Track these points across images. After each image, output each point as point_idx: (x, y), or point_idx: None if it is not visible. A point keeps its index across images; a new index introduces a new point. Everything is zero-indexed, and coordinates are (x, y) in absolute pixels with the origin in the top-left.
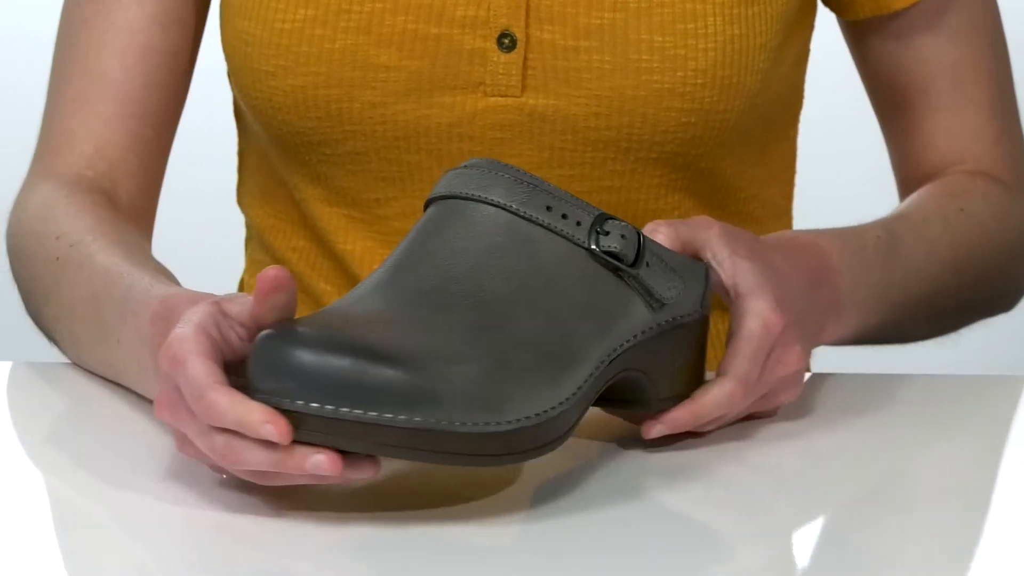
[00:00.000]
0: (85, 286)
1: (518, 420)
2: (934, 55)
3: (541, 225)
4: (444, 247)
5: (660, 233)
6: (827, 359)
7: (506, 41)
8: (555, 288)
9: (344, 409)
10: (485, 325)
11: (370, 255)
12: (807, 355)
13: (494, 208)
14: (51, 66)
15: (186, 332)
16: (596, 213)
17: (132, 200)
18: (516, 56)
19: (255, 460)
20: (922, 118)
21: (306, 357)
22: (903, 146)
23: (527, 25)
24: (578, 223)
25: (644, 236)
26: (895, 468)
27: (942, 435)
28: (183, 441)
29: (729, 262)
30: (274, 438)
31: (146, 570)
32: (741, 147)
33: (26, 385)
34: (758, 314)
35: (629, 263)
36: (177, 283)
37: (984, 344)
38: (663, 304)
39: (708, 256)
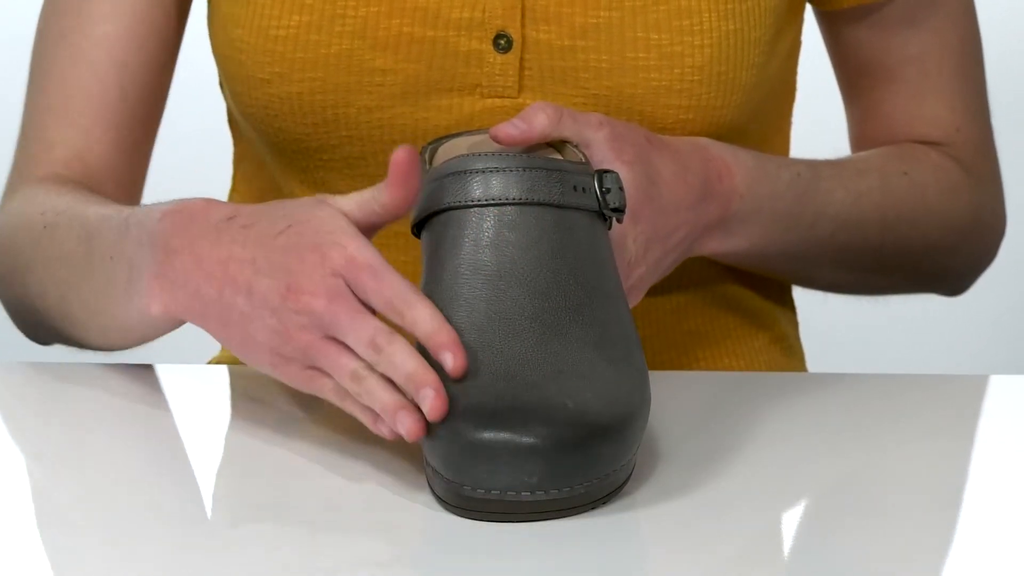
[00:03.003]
0: (77, 231)
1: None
2: (903, 45)
3: (575, 207)
4: (520, 262)
5: (543, 115)
6: (825, 360)
7: (502, 42)
8: (599, 261)
9: (577, 486)
10: (599, 335)
11: None
12: (653, 270)
13: (540, 207)
14: (28, 79)
15: (360, 238)
16: (591, 174)
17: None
18: (512, 57)
19: (403, 357)
20: (882, 102)
21: (541, 448)
22: (862, 127)
23: (523, 26)
24: (586, 189)
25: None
26: (883, 468)
27: (935, 435)
28: (307, 339)
29: (607, 167)
30: (449, 369)
31: (144, 571)
32: (737, 142)
33: (24, 385)
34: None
35: (623, 209)
36: None
37: (985, 345)
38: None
39: (590, 155)
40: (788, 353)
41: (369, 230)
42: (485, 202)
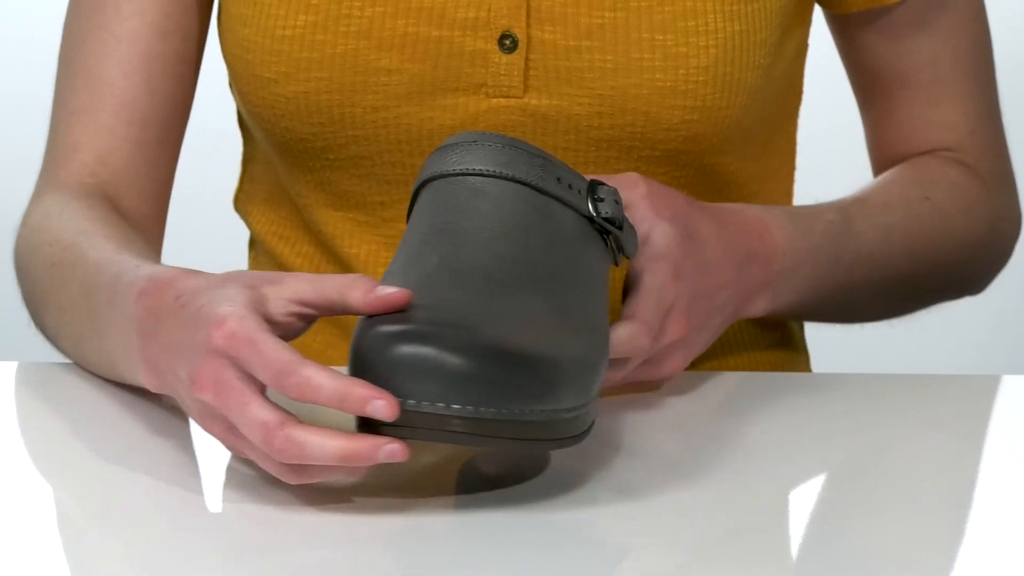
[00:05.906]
0: (79, 283)
1: (591, 399)
2: (915, 49)
3: (556, 198)
4: (484, 228)
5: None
6: (830, 360)
7: (507, 42)
8: (580, 259)
9: (483, 408)
10: (556, 305)
11: (375, 258)
12: (700, 330)
13: (516, 184)
14: (55, 78)
15: (239, 311)
16: (587, 180)
17: (137, 207)
18: (517, 57)
19: (320, 451)
20: (897, 108)
21: (454, 361)
22: (878, 132)
23: (528, 26)
24: (578, 191)
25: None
26: (889, 469)
27: (942, 436)
28: (222, 427)
29: (647, 224)
30: (383, 415)
31: (147, 571)
32: (743, 143)
33: (31, 385)
34: (659, 273)
35: (619, 226)
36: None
37: (993, 344)
38: (621, 261)
39: (628, 215)
40: (793, 354)
41: (326, 310)
42: (460, 172)
